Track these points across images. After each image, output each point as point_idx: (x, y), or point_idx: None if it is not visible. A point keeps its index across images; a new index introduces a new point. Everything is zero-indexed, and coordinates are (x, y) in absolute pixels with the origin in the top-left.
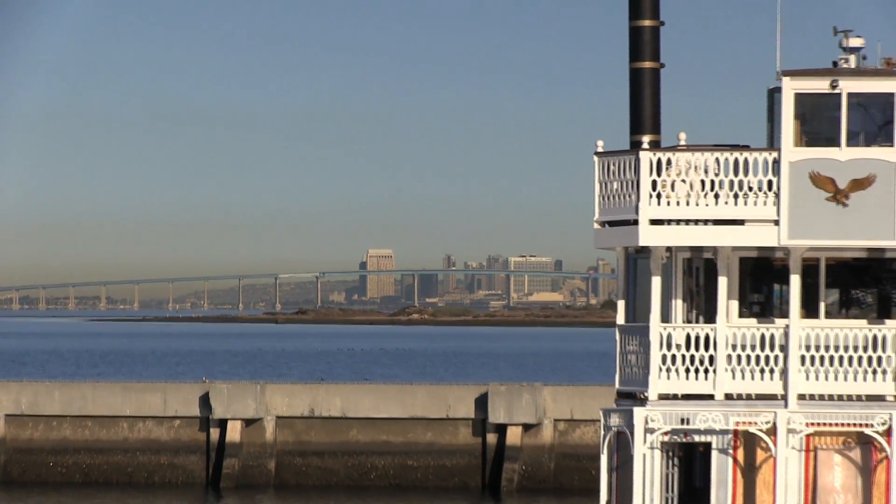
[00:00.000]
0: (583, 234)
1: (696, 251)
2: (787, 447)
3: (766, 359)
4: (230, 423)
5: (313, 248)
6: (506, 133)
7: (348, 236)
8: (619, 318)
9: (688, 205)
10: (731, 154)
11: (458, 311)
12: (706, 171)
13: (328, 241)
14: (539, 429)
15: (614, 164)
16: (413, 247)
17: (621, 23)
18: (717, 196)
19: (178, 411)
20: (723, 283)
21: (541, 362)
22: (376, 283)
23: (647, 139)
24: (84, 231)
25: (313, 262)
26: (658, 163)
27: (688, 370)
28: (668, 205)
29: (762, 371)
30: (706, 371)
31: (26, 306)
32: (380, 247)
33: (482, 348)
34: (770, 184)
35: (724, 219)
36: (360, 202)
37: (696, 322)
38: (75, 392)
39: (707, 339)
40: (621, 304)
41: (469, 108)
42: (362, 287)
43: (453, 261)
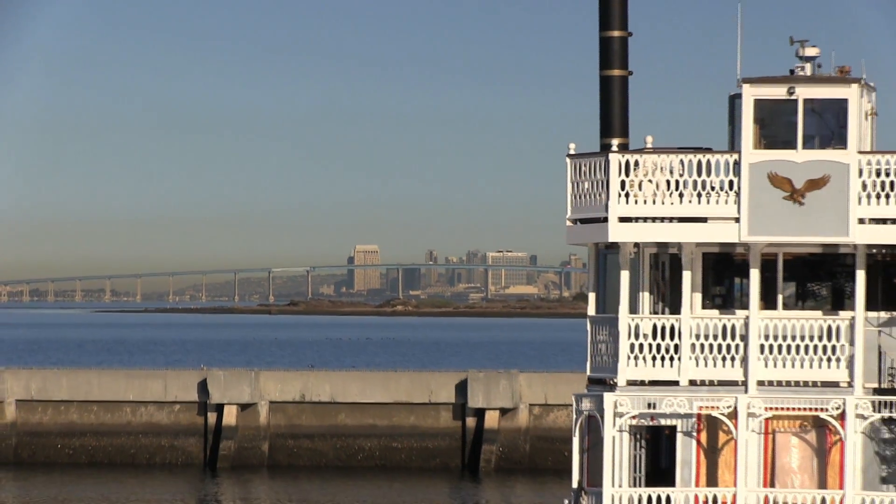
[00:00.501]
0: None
1: (662, 247)
2: (748, 430)
3: (728, 347)
4: (226, 408)
5: (304, 243)
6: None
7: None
8: (590, 310)
9: (654, 203)
10: (694, 156)
11: (439, 303)
12: (671, 172)
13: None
14: (515, 413)
15: (585, 166)
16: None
17: (593, 33)
18: (681, 195)
19: (177, 397)
20: (687, 276)
21: (517, 351)
22: (363, 277)
23: (616, 142)
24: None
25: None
26: (626, 164)
27: (654, 358)
28: (636, 203)
29: (724, 359)
30: (671, 359)
31: (36, 298)
32: (366, 243)
33: (462, 338)
34: (731, 184)
35: (688, 216)
36: (347, 201)
37: (662, 313)
38: (81, 379)
39: (672, 329)
40: (592, 297)
41: (450, 113)
42: (350, 280)
43: (435, 256)
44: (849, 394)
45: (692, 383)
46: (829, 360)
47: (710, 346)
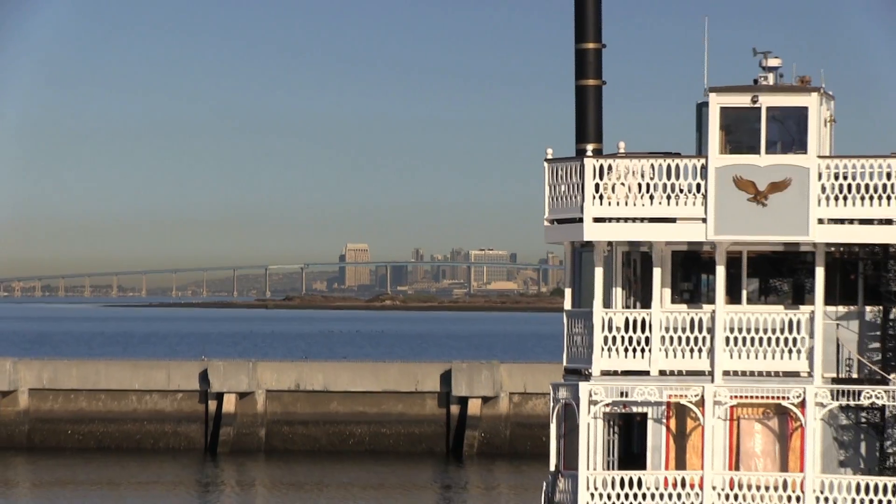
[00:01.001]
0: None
1: (634, 245)
2: (714, 417)
3: (695, 340)
4: (226, 396)
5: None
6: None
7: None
8: (567, 304)
9: (626, 205)
10: (664, 160)
11: (425, 298)
12: (642, 176)
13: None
14: (496, 401)
15: (562, 170)
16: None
17: (570, 45)
18: (652, 197)
19: (180, 386)
20: (657, 273)
21: (498, 342)
22: (354, 274)
23: (590, 147)
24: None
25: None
26: (600, 168)
27: (626, 350)
28: (609, 205)
29: (692, 350)
30: (643, 350)
31: (48, 294)
32: (357, 241)
33: (447, 330)
34: (698, 186)
35: (658, 217)
36: (339, 203)
37: (634, 307)
38: (90, 369)
39: (643, 322)
40: (568, 292)
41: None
42: (341, 277)
43: (421, 254)
44: (809, 383)
45: (662, 373)
46: (790, 351)
47: (679, 338)
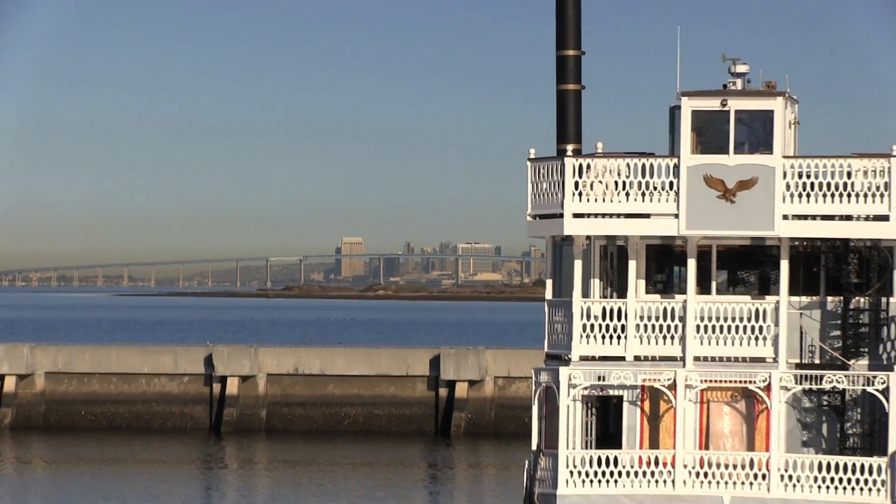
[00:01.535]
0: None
1: (611, 239)
2: (685, 400)
3: (668, 327)
4: (229, 380)
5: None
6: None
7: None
8: (548, 294)
9: (604, 201)
10: (639, 160)
11: (416, 289)
12: (619, 174)
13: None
14: (482, 384)
15: (544, 168)
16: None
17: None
18: (627, 194)
19: (186, 369)
20: (632, 265)
21: (483, 330)
22: (349, 265)
23: (570, 147)
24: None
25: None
26: (580, 167)
27: (604, 336)
28: (588, 201)
29: (664, 337)
30: (619, 337)
31: (63, 283)
32: (352, 235)
33: (435, 319)
34: (671, 184)
35: (633, 213)
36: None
37: (611, 297)
38: (102, 354)
39: (619, 311)
40: (549, 283)
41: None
42: (338, 268)
43: (412, 247)
44: (774, 368)
45: (637, 359)
46: (756, 338)
47: (653, 326)
